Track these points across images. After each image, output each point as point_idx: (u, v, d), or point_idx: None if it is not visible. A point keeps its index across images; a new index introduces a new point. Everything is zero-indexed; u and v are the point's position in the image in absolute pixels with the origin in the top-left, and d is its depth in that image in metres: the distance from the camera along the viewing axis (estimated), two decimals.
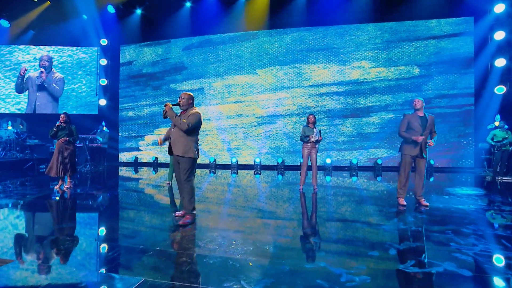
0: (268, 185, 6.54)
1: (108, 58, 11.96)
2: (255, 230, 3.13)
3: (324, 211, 4.09)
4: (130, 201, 4.84)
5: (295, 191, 5.73)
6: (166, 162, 10.91)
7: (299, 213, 4.00)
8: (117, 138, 11.66)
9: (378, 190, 6.02)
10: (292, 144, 10.16)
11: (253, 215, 3.80)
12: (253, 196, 5.16)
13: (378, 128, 9.63)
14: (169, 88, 11.33)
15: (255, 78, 10.50)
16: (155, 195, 5.45)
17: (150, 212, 4.07)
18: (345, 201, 4.71)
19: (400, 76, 9.48)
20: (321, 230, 3.24)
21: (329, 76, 9.95)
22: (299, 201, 4.69)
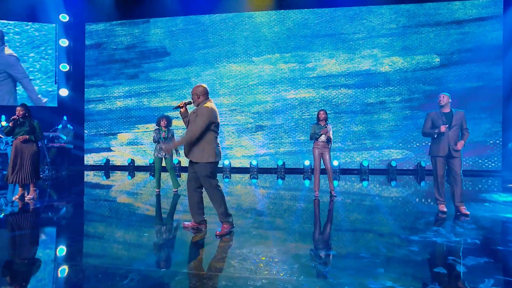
0: (273, 191, 6.55)
1: (70, 39, 11.43)
2: (287, 245, 3.07)
3: (355, 222, 4.06)
4: (118, 214, 4.57)
5: (307, 197, 5.73)
6: (144, 165, 10.75)
7: (328, 224, 3.95)
8: (83, 136, 11.24)
9: (400, 196, 6.09)
10: (293, 144, 10.12)
11: (274, 227, 3.73)
12: (263, 204, 5.14)
13: (392, 126, 9.71)
14: (148, 77, 11.00)
15: (251, 67, 10.40)
16: (146, 206, 5.22)
17: (148, 226, 3.82)
18: (372, 210, 4.72)
19: (417, 67, 9.60)
20: (366, 244, 3.17)
21: (337, 66, 9.97)
22: (320, 210, 4.69)
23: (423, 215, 4.42)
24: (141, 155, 10.99)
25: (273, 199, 5.68)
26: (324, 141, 5.40)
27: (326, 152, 5.42)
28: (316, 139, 5.39)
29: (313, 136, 5.39)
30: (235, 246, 3.00)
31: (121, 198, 5.73)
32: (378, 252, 2.95)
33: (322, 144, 5.42)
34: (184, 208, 4.78)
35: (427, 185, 7.58)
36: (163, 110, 10.71)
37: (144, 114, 10.99)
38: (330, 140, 5.40)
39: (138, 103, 11.04)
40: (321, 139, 5.34)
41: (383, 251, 2.96)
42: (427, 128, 4.50)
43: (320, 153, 5.45)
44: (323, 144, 5.43)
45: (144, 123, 10.95)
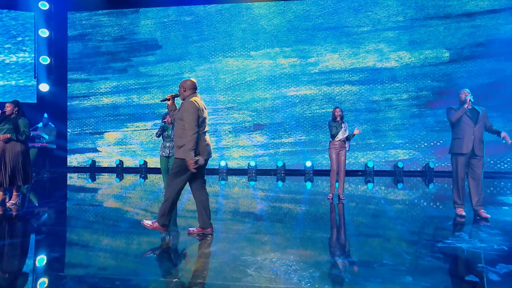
0: (274, 195, 6.55)
1: (51, 29, 11.19)
2: (303, 251, 3.04)
3: (370, 227, 4.03)
4: (107, 221, 4.47)
5: (313, 201, 5.72)
6: (133, 167, 10.64)
7: (343, 230, 3.92)
8: (66, 136, 11.07)
9: (410, 199, 6.10)
10: (294, 144, 10.10)
11: (285, 232, 3.69)
12: (267, 208, 5.09)
13: (398, 125, 9.72)
14: (138, 72, 10.86)
15: (248, 62, 10.35)
16: (139, 211, 5.11)
17: (145, 234, 3.66)
18: (385, 214, 4.69)
19: (426, 62, 9.62)
20: (388, 250, 3.12)
21: (340, 61, 9.96)
22: (331, 215, 4.68)
23: (440, 219, 4.39)
24: (131, 156, 10.83)
25: (276, 202, 5.64)
26: (342, 140, 5.39)
27: (343, 153, 5.43)
28: (332, 138, 5.41)
29: (332, 130, 5.37)
30: (248, 254, 2.92)
31: (109, 203, 5.63)
32: (402, 259, 2.89)
33: (339, 143, 5.41)
34: (184, 213, 4.68)
35: (436, 187, 7.62)
36: (154, 108, 10.61)
37: (133, 112, 10.85)
38: (348, 139, 5.43)
39: (127, 99, 10.90)
40: (338, 137, 5.34)
41: (407, 258, 2.90)
42: (454, 118, 4.35)
43: (337, 153, 5.44)
44: (340, 144, 5.42)
45: (134, 121, 10.81)
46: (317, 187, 7.67)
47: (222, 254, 2.89)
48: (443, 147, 9.32)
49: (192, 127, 3.11)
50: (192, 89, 3.34)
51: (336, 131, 5.33)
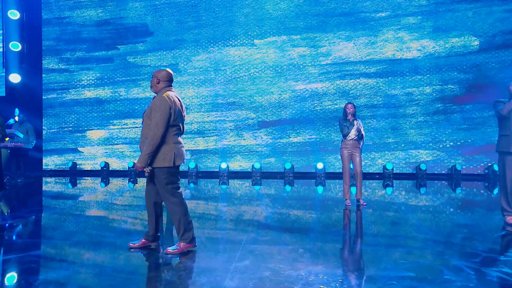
0: (288, 200, 6.56)
1: (22, 10, 10.92)
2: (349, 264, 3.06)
3: (411, 237, 3.95)
4: (95, 231, 4.35)
5: (329, 207, 5.72)
6: (121, 170, 10.56)
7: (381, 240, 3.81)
8: (41, 134, 10.86)
9: (436, 204, 6.05)
10: (303, 144, 10.00)
11: (316, 242, 3.64)
12: (283, 215, 5.06)
13: (420, 122, 9.64)
14: (126, 62, 10.67)
15: (252, 51, 10.23)
16: (129, 219, 5.02)
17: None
18: (421, 222, 4.62)
19: (452, 52, 9.53)
20: (446, 264, 3.02)
21: (355, 51, 9.86)
22: (357, 223, 4.67)
23: (487, 229, 4.28)
24: (118, 157, 10.65)
25: (291, 209, 5.60)
26: (355, 139, 5.40)
27: (357, 153, 5.43)
28: (344, 136, 5.42)
29: (342, 129, 5.40)
30: (288, 268, 2.81)
31: (93, 212, 5.51)
32: (466, 274, 2.75)
33: (352, 143, 5.41)
34: None
35: (463, 192, 7.61)
36: (144, 103, 10.42)
37: (120, 107, 10.70)
38: (362, 137, 5.43)
39: (113, 93, 10.73)
40: (350, 136, 5.37)
41: (471, 273, 2.77)
42: (504, 111, 4.20)
43: (349, 153, 5.45)
44: (353, 143, 5.42)
45: (121, 118, 10.65)
46: (330, 192, 7.65)
47: (259, 268, 2.77)
48: (472, 147, 9.29)
49: (159, 127, 2.95)
50: (167, 81, 3.19)
51: (348, 131, 5.34)
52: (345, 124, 5.36)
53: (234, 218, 4.89)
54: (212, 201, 6.52)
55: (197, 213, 5.02)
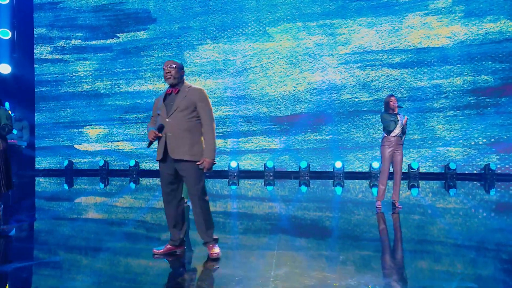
0: (310, 203, 6.43)
1: None
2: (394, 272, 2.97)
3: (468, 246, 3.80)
4: (103, 240, 4.23)
5: (358, 208, 5.66)
6: (123, 169, 10.50)
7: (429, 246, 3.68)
8: (33, 130, 10.76)
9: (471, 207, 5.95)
10: (320, 141, 9.84)
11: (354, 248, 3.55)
12: (313, 218, 5.00)
13: (450, 117, 9.37)
14: (127, 51, 10.56)
15: (264, 40, 10.05)
16: (138, 224, 4.91)
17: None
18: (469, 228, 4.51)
19: (485, 38, 9.23)
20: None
21: (377, 39, 9.62)
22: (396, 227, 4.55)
23: None
24: (118, 156, 10.52)
25: (314, 211, 5.54)
26: (398, 135, 5.27)
27: (399, 151, 5.32)
28: (388, 134, 5.29)
29: (389, 125, 5.22)
30: (332, 275, 2.73)
31: (91, 215, 5.34)
32: None
33: (395, 140, 5.27)
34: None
35: (499, 194, 7.44)
36: (147, 96, 10.29)
37: (121, 101, 10.55)
38: (404, 132, 5.34)
39: (112, 86, 10.61)
40: (395, 132, 5.24)
41: None
42: None
43: (391, 151, 5.30)
44: (396, 140, 5.27)
45: (121, 113, 10.52)
46: (350, 193, 7.54)
47: (301, 277, 2.68)
48: (508, 144, 9.02)
49: (213, 118, 3.08)
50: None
51: (395, 126, 5.22)
52: (392, 119, 5.18)
53: (255, 221, 4.75)
54: (223, 203, 6.37)
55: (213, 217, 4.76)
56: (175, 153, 2.96)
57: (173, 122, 2.97)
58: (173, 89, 3.05)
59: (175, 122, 2.97)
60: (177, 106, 2.98)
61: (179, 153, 2.95)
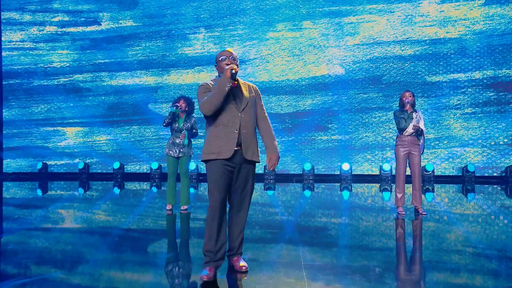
0: (322, 209, 6.29)
1: None
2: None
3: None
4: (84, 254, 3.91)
5: (376, 214, 5.61)
6: (105, 172, 10.22)
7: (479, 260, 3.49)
8: (0, 128, 10.60)
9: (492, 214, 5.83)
10: (326, 141, 9.67)
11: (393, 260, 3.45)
12: (337, 226, 4.90)
13: (467, 115, 9.25)
14: (110, 39, 10.24)
15: (264, 29, 9.82)
16: (129, 235, 4.60)
17: None
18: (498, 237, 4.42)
19: (508, 28, 9.04)
20: None
21: (388, 29, 9.47)
22: (418, 233, 4.50)
23: None
24: (100, 157, 10.19)
25: (327, 217, 5.50)
26: (413, 135, 5.20)
27: (416, 152, 5.22)
28: (400, 132, 5.25)
29: (399, 122, 5.17)
30: None
31: (69, 225, 5.09)
32: None
33: (409, 139, 5.19)
34: None
35: None
36: (134, 91, 10.00)
37: (104, 96, 10.19)
38: (422, 132, 5.24)
39: (94, 79, 10.24)
40: (408, 131, 5.17)
41: None
42: None
43: (406, 152, 5.23)
44: (411, 140, 5.19)
45: (105, 109, 10.20)
46: (359, 198, 7.47)
47: None
48: None
49: None
50: None
51: (406, 125, 5.15)
52: (403, 116, 5.11)
53: (255, 229, 4.61)
54: None
55: None
56: (249, 154, 2.89)
57: (246, 118, 2.92)
58: None
59: (248, 118, 2.93)
60: (248, 101, 2.95)
61: (253, 154, 2.94)
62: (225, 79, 2.71)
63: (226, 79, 2.71)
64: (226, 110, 2.82)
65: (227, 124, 2.80)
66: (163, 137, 9.57)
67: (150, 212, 5.88)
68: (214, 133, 2.85)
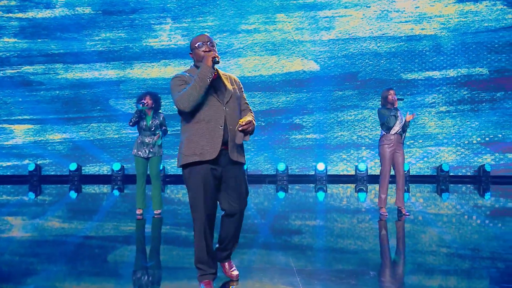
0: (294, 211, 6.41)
1: None
2: None
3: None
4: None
5: (358, 216, 5.75)
6: (59, 175, 9.82)
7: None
8: None
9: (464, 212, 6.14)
10: (300, 140, 9.69)
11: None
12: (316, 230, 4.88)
13: (442, 114, 9.49)
14: (65, 27, 9.74)
15: (235, 21, 9.72)
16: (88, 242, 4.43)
17: None
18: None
19: (481, 26, 9.34)
20: None
21: (364, 25, 9.58)
22: (407, 235, 4.58)
23: None
24: (54, 158, 9.79)
25: (308, 220, 5.54)
26: (399, 133, 5.30)
27: (400, 151, 5.34)
28: (387, 131, 5.29)
29: (389, 121, 5.19)
30: None
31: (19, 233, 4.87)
32: None
33: (395, 138, 5.28)
34: None
35: (493, 198, 7.74)
36: (93, 85, 9.64)
37: (58, 91, 9.75)
38: (405, 130, 5.41)
39: (47, 71, 9.76)
40: (395, 129, 5.25)
41: None
42: None
43: (392, 151, 5.29)
44: (396, 139, 5.28)
45: (60, 105, 9.90)
46: (335, 199, 7.62)
47: None
48: (504, 143, 9.24)
49: None
50: None
51: (395, 122, 5.23)
52: (393, 114, 5.15)
53: (248, 234, 4.52)
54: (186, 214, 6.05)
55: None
56: (235, 154, 2.64)
57: (231, 112, 2.66)
58: None
59: (233, 112, 2.67)
60: (231, 93, 2.71)
61: (240, 155, 2.69)
62: (206, 69, 2.48)
63: (207, 68, 2.48)
64: (207, 104, 2.58)
65: (210, 120, 2.56)
66: (126, 135, 9.28)
67: (112, 218, 5.78)
68: (194, 131, 2.60)
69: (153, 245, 4.34)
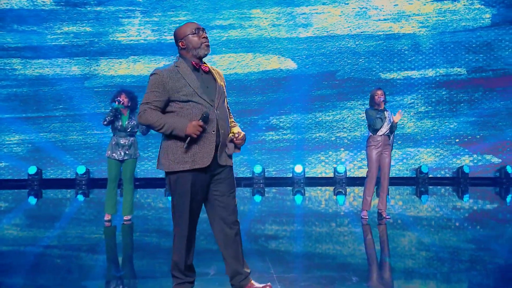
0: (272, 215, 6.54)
1: None
2: None
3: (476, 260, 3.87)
4: None
5: (338, 220, 5.89)
6: (17, 179, 9.49)
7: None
8: None
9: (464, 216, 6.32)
10: (277, 142, 9.69)
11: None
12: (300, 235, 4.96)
13: (421, 114, 9.65)
14: (22, 19, 9.44)
15: (208, 17, 9.65)
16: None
17: None
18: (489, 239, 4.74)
19: (459, 25, 9.54)
20: None
21: (342, 22, 9.65)
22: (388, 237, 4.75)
23: None
24: (11, 161, 9.47)
25: (289, 225, 5.66)
26: (386, 134, 5.37)
27: (387, 153, 5.42)
28: (374, 132, 5.34)
29: (375, 123, 5.26)
30: None
31: None
32: None
33: (382, 140, 5.34)
34: None
35: (471, 200, 7.97)
36: (54, 83, 9.36)
37: (16, 88, 9.47)
38: (393, 131, 5.48)
39: (2, 67, 9.45)
40: (381, 131, 5.31)
41: None
42: None
43: (379, 153, 5.37)
44: (384, 140, 5.35)
45: (18, 103, 9.49)
46: (313, 202, 7.74)
47: None
48: (482, 144, 9.43)
49: None
50: None
51: (382, 124, 5.29)
52: (379, 116, 5.21)
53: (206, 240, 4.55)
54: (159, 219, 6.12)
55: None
56: (223, 158, 2.56)
57: (222, 115, 2.59)
58: (201, 65, 2.61)
59: (223, 115, 2.60)
60: (222, 93, 2.66)
61: (227, 158, 2.61)
62: (188, 130, 2.36)
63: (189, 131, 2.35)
64: (197, 107, 2.46)
65: (205, 120, 2.45)
66: (91, 136, 9.07)
67: (76, 225, 5.67)
68: None
69: (124, 254, 4.22)
